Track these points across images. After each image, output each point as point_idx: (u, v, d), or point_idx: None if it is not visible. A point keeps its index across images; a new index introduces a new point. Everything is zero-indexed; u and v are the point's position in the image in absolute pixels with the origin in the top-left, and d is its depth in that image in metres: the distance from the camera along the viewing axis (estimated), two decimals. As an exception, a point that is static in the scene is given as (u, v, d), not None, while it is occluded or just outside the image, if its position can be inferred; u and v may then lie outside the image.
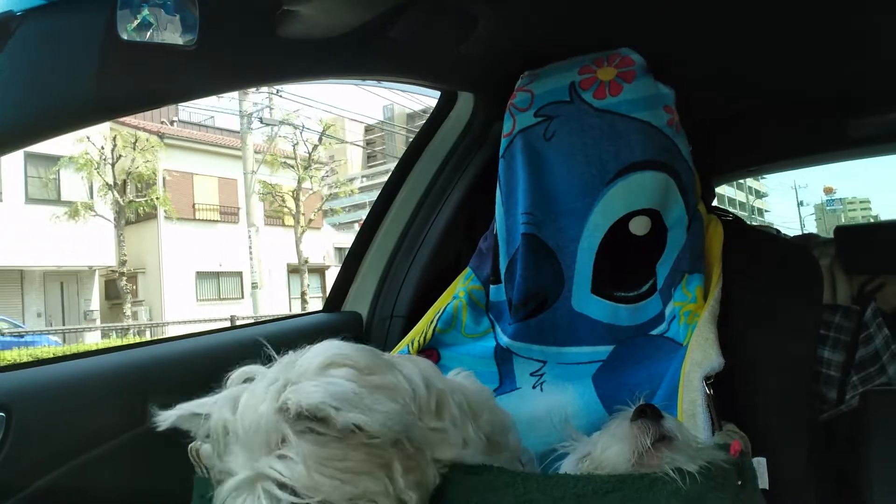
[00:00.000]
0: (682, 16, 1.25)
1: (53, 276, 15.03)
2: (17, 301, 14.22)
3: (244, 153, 14.84)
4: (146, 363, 1.20)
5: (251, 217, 14.41)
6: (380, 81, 1.44)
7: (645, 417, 0.82)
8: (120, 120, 14.58)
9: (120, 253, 14.45)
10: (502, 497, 0.71)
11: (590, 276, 1.20)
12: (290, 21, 0.96)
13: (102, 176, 14.07)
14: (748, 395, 1.03)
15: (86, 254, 14.82)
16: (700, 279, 1.13)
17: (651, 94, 1.19)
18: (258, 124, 15.53)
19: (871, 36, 1.41)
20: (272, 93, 15.15)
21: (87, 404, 1.07)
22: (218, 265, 17.66)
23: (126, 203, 14.51)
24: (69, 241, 14.21)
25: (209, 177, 17.62)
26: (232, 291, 18.05)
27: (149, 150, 14.56)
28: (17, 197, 14.09)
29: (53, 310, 15.15)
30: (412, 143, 1.65)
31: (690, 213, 1.19)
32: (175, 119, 20.13)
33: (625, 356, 1.17)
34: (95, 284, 15.66)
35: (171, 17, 0.80)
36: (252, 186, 14.68)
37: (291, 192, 16.92)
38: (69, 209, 14.23)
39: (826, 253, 2.10)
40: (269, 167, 16.19)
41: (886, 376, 1.76)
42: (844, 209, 60.99)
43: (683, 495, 0.69)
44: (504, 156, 1.28)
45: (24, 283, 14.63)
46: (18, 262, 13.96)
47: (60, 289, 15.19)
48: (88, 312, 15.38)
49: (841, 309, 1.87)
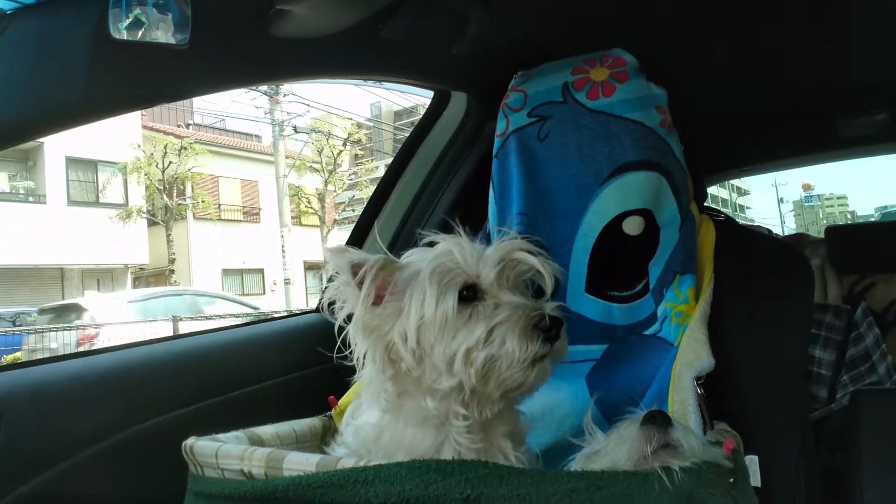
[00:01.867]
0: (675, 17, 1.26)
1: (91, 274, 16.17)
2: (57, 297, 14.70)
3: (276, 158, 15.88)
4: (138, 364, 1.19)
5: (283, 217, 15.31)
6: (373, 81, 1.44)
7: (652, 424, 0.83)
8: (147, 125, 16.42)
9: (170, 252, 15.88)
10: (495, 491, 0.72)
11: (584, 275, 1.20)
12: (282, 21, 0.96)
13: (152, 179, 15.53)
14: (740, 394, 1.04)
15: (120, 253, 16.10)
16: (692, 280, 1.14)
17: (644, 95, 1.20)
18: (290, 131, 16.54)
19: (860, 38, 1.42)
20: (306, 103, 17.04)
21: (78, 405, 1.07)
22: (241, 263, 18.67)
23: (175, 205, 15.97)
24: (105, 241, 15.52)
25: (232, 179, 18.84)
26: (255, 287, 19.06)
27: (191, 156, 16.00)
28: (60, 199, 15.23)
29: None
30: (405, 143, 1.65)
31: (683, 212, 1.20)
32: (190, 122, 20.99)
33: (618, 356, 1.17)
34: (128, 282, 16.81)
35: (163, 16, 0.80)
36: (283, 189, 15.67)
37: (318, 194, 18.13)
38: (121, 211, 15.90)
39: (817, 253, 2.11)
40: (297, 171, 17.43)
41: (876, 375, 1.77)
42: (822, 205, 61.78)
43: (674, 492, 0.70)
44: (497, 156, 1.29)
45: (64, 280, 15.71)
46: (59, 260, 15.02)
47: (97, 286, 16.16)
48: None
49: (832, 308, 1.88)
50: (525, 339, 0.82)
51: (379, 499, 0.74)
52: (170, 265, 15.97)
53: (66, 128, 0.86)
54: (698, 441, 0.83)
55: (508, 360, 0.82)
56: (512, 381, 0.83)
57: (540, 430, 1.12)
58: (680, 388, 0.98)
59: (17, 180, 15.26)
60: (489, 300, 0.85)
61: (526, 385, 0.85)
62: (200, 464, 0.89)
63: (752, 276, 1.17)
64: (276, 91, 15.41)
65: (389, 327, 0.86)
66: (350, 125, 18.36)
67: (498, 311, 0.84)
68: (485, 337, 0.82)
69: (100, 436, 1.05)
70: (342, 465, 0.78)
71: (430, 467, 0.75)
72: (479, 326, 0.83)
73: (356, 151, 18.83)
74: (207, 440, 0.91)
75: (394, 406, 0.89)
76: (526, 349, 0.82)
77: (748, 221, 16.19)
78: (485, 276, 0.86)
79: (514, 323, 0.82)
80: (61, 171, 15.32)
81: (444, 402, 0.86)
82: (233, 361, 1.31)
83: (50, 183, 15.10)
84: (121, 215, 15.81)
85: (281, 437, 1.05)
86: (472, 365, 0.82)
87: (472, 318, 0.84)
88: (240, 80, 1.12)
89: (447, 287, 0.84)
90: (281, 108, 15.59)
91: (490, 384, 0.84)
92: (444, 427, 0.86)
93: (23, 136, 0.82)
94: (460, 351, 0.82)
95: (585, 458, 0.89)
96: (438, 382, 0.84)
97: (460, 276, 0.85)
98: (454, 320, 0.83)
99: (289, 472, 0.81)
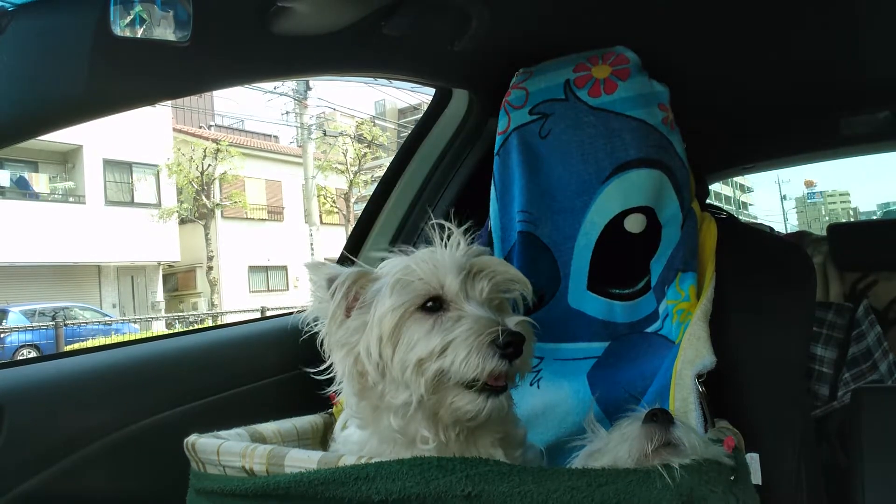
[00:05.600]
0: (677, 14, 1.25)
1: (126, 271, 17.11)
2: (94, 293, 16.13)
3: (305, 160, 16.94)
4: (140, 361, 1.19)
5: (311, 217, 16.37)
6: (375, 78, 1.44)
7: (654, 422, 0.83)
8: (175, 127, 17.55)
9: (208, 250, 16.71)
10: (497, 488, 0.72)
11: (586, 273, 1.20)
12: (284, 18, 0.96)
13: (190, 180, 16.52)
14: (741, 391, 1.04)
15: (153, 250, 17.00)
16: (693, 277, 1.14)
17: (646, 93, 1.20)
18: (319, 134, 17.60)
19: (864, 35, 1.42)
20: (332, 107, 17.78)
21: (80, 402, 1.07)
22: (266, 260, 19.53)
23: (213, 205, 16.80)
24: (139, 240, 16.42)
25: (257, 179, 19.73)
26: (279, 283, 19.95)
27: (227, 159, 16.94)
28: (98, 200, 16.22)
29: (125, 301, 17.18)
30: (407, 140, 1.65)
31: (685, 210, 1.20)
32: (212, 124, 22.11)
33: (619, 353, 1.17)
34: (160, 278, 17.75)
35: (165, 13, 0.80)
36: (312, 189, 16.75)
37: (343, 194, 19.10)
38: (161, 211, 16.82)
39: (819, 251, 2.11)
40: (323, 172, 18.40)
41: (878, 373, 1.77)
42: (825, 201, 61.80)
43: (675, 490, 0.70)
44: (499, 153, 1.28)
45: (101, 277, 16.61)
46: (97, 258, 15.97)
47: (131, 282, 17.23)
48: (155, 303, 17.39)
49: (833, 306, 1.88)
50: (478, 355, 0.78)
51: (380, 496, 0.74)
52: (208, 262, 16.80)
53: (68, 125, 0.86)
54: (699, 439, 0.83)
55: (458, 376, 0.79)
56: (463, 413, 0.80)
57: (541, 427, 1.12)
58: (681, 386, 0.98)
59: (56, 181, 16.02)
60: (453, 311, 0.82)
61: (478, 418, 0.81)
62: (202, 460, 0.89)
63: (754, 273, 1.17)
64: (305, 95, 16.38)
65: (356, 341, 0.84)
66: (374, 128, 19.42)
67: (458, 325, 0.80)
68: (439, 349, 0.79)
69: (102, 432, 1.06)
70: (344, 462, 0.79)
71: (432, 464, 0.75)
72: (435, 338, 0.80)
73: (379, 154, 19.50)
74: (209, 437, 0.92)
75: (370, 422, 0.88)
76: (477, 366, 0.78)
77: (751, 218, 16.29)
78: (449, 286, 0.83)
79: (470, 337, 0.79)
80: (99, 172, 16.23)
81: (410, 423, 0.83)
82: (235, 358, 1.32)
83: (89, 184, 15.98)
84: (161, 214, 16.69)
85: (282, 434, 1.05)
86: (422, 375, 0.79)
87: (433, 329, 0.81)
88: (241, 78, 1.12)
89: (407, 297, 0.82)
90: (308, 111, 16.64)
91: (443, 406, 0.81)
92: (414, 446, 0.84)
93: (26, 133, 0.82)
94: (412, 360, 0.80)
95: (587, 456, 0.90)
96: (395, 396, 0.82)
97: (422, 287, 0.83)
98: (412, 331, 0.81)
99: (290, 469, 0.81)
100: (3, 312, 12.74)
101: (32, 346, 11.34)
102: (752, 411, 1.01)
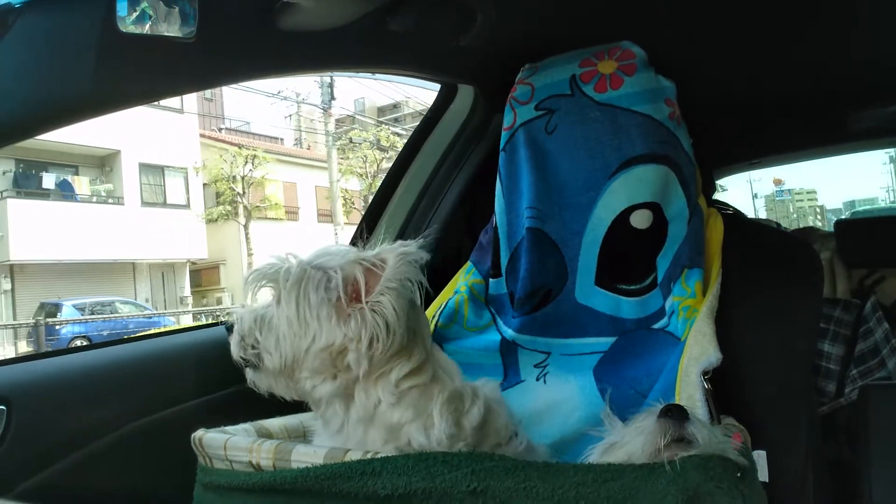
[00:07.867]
0: (684, 9, 1.25)
1: (157, 268, 18.28)
2: (129, 289, 17.36)
3: (330, 165, 18.75)
4: (146, 356, 1.20)
5: (336, 217, 18.03)
6: (378, 74, 1.43)
7: (668, 417, 0.83)
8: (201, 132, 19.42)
9: (248, 248, 18.19)
10: (502, 483, 0.72)
11: (594, 268, 1.20)
12: (289, 13, 0.96)
13: (230, 185, 18.18)
14: (748, 388, 1.04)
15: (182, 248, 18.34)
16: (699, 274, 1.13)
17: (652, 88, 1.19)
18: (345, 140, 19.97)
19: (872, 29, 1.41)
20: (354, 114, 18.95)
21: (87, 397, 1.08)
22: None
23: (252, 207, 18.38)
24: (170, 238, 17.63)
25: (275, 181, 20.58)
26: None
27: (262, 165, 18.53)
28: (135, 202, 17.58)
29: (157, 296, 18.41)
30: (412, 136, 1.65)
31: (691, 206, 1.19)
32: (223, 127, 23.39)
33: (626, 349, 1.17)
34: (187, 274, 19.03)
35: (170, 9, 0.80)
36: (336, 192, 18.24)
37: (361, 195, 20.39)
38: (206, 212, 18.53)
39: (826, 246, 2.10)
40: (344, 176, 19.84)
41: (886, 370, 1.76)
42: (793, 199, 61.99)
43: (681, 486, 0.70)
44: (505, 149, 1.28)
45: (135, 273, 17.85)
46: (132, 256, 17.25)
47: (162, 278, 18.40)
48: (183, 298, 18.68)
49: (841, 302, 1.87)
50: None
51: (386, 490, 0.74)
52: (249, 258, 18.04)
53: (75, 122, 0.87)
54: (713, 435, 0.83)
55: None
56: None
57: (546, 423, 1.12)
58: (687, 383, 0.98)
59: (96, 184, 17.29)
60: None
61: None
62: (209, 455, 0.90)
63: (761, 270, 1.17)
64: (329, 105, 17.97)
65: None
66: (390, 134, 21.00)
67: None
68: None
69: (109, 427, 1.06)
70: (350, 457, 0.79)
71: (437, 459, 0.75)
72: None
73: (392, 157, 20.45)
74: (216, 432, 0.92)
75: None
76: None
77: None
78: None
79: None
80: (135, 175, 17.61)
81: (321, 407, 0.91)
82: None
83: (126, 186, 17.34)
84: (205, 216, 18.50)
85: (289, 430, 1.05)
86: None
87: None
88: (246, 74, 1.12)
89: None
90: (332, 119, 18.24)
91: None
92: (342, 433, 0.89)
93: (32, 130, 0.82)
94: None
95: (603, 449, 0.90)
96: None
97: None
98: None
99: (297, 464, 0.81)
100: (57, 306, 13.78)
101: (84, 338, 12.01)
102: (759, 408, 1.01)
